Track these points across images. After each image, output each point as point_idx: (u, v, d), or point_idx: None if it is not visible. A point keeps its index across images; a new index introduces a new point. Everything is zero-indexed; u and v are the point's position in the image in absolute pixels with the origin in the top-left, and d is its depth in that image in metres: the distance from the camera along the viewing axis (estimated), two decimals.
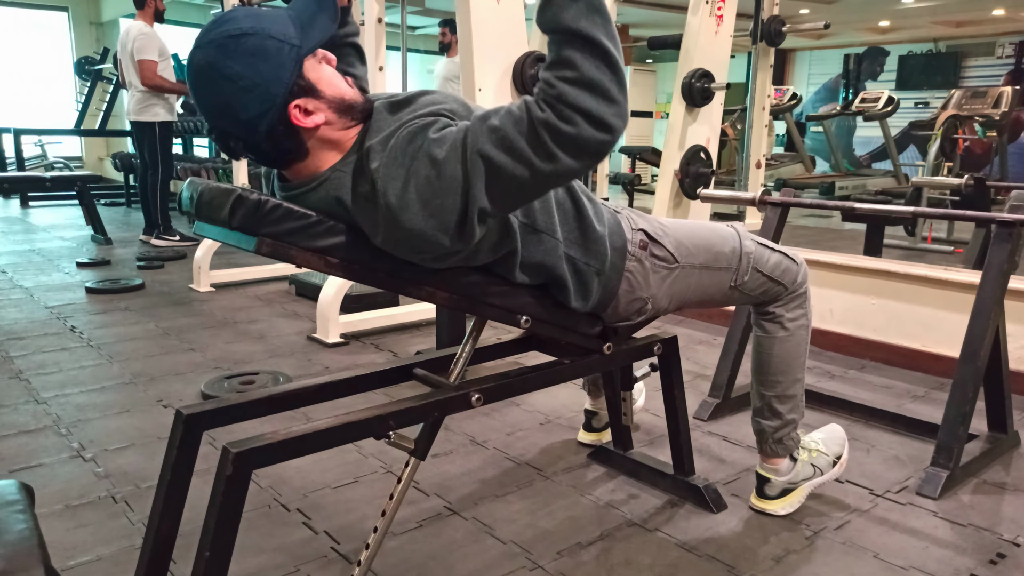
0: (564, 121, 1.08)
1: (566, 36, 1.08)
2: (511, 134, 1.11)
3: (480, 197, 1.14)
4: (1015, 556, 1.62)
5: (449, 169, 1.13)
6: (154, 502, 1.32)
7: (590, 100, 1.08)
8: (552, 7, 1.09)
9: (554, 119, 1.08)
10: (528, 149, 1.11)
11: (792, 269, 1.69)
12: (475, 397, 1.41)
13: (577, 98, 1.07)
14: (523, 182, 1.14)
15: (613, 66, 1.09)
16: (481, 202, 1.15)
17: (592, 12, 1.08)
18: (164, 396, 2.50)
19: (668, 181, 3.86)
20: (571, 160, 1.12)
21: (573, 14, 1.08)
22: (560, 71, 1.08)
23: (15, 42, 9.60)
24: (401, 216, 1.15)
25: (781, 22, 5.27)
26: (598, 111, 1.08)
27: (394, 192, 1.15)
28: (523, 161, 1.12)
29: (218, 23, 1.16)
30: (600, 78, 1.08)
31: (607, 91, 1.09)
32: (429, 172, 1.14)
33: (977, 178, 4.16)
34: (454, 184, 1.13)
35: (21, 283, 4.18)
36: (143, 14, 5.17)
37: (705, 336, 3.33)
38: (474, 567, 1.55)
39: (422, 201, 1.15)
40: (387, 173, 1.16)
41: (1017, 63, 10.39)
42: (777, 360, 1.72)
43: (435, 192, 1.14)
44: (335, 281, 3.14)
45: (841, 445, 1.85)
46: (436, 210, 1.15)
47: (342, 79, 1.25)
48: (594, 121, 1.08)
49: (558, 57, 1.09)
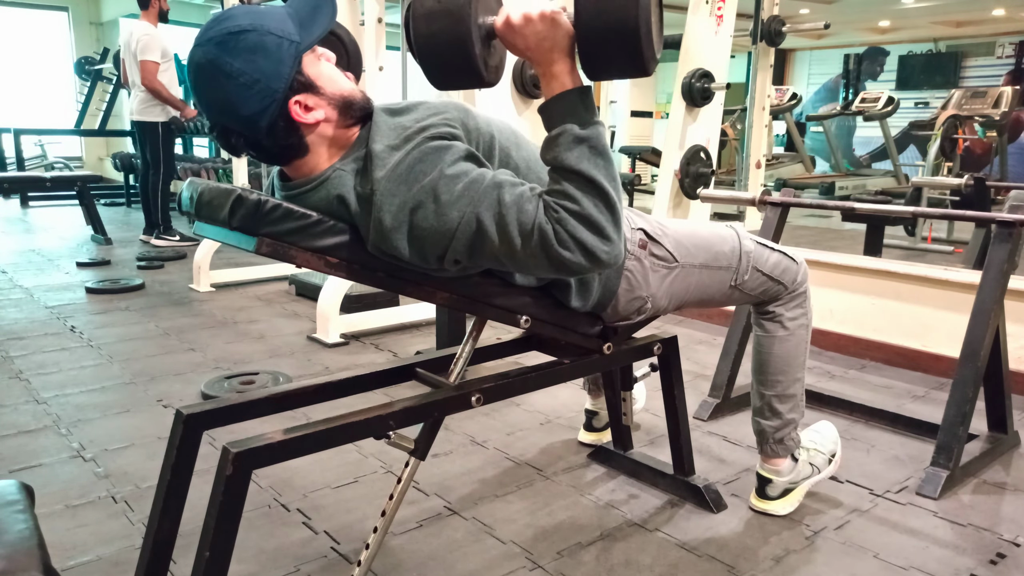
0: (560, 244, 1.16)
1: (570, 174, 1.17)
2: (511, 221, 1.17)
3: (460, 250, 1.21)
4: (1015, 556, 1.62)
5: (447, 214, 1.18)
6: (154, 502, 1.32)
7: (587, 235, 1.16)
8: (556, 148, 1.19)
9: (552, 236, 1.16)
10: (518, 242, 1.18)
11: (792, 268, 1.69)
12: (475, 397, 1.41)
13: (576, 230, 1.16)
14: (498, 259, 1.23)
15: (612, 207, 1.18)
16: (458, 254, 1.22)
17: (595, 156, 1.18)
18: (164, 396, 2.50)
19: (668, 181, 3.85)
20: (548, 269, 1.21)
21: (576, 156, 1.17)
22: (562, 200, 1.17)
23: (15, 42, 9.60)
24: (390, 235, 1.19)
25: (781, 22, 5.27)
26: (593, 246, 1.17)
27: (389, 211, 1.18)
28: (508, 247, 1.19)
29: (217, 21, 1.16)
30: (599, 217, 1.17)
31: (603, 230, 1.17)
32: (428, 209, 1.18)
33: (977, 178, 4.16)
34: (445, 229, 1.18)
35: (21, 283, 4.18)
36: (147, 14, 5.17)
37: (705, 336, 3.33)
38: (474, 567, 1.55)
39: (412, 229, 1.19)
40: (388, 188, 1.17)
41: (1017, 63, 10.39)
42: (777, 359, 1.72)
43: (427, 228, 1.18)
44: (335, 281, 3.14)
45: (835, 442, 1.86)
46: (420, 244, 1.20)
47: (342, 75, 1.25)
48: (587, 253, 1.17)
49: (561, 188, 1.18)
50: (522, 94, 3.37)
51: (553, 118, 1.21)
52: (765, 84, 5.57)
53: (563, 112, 1.20)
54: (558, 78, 1.20)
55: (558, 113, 1.20)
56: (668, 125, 3.88)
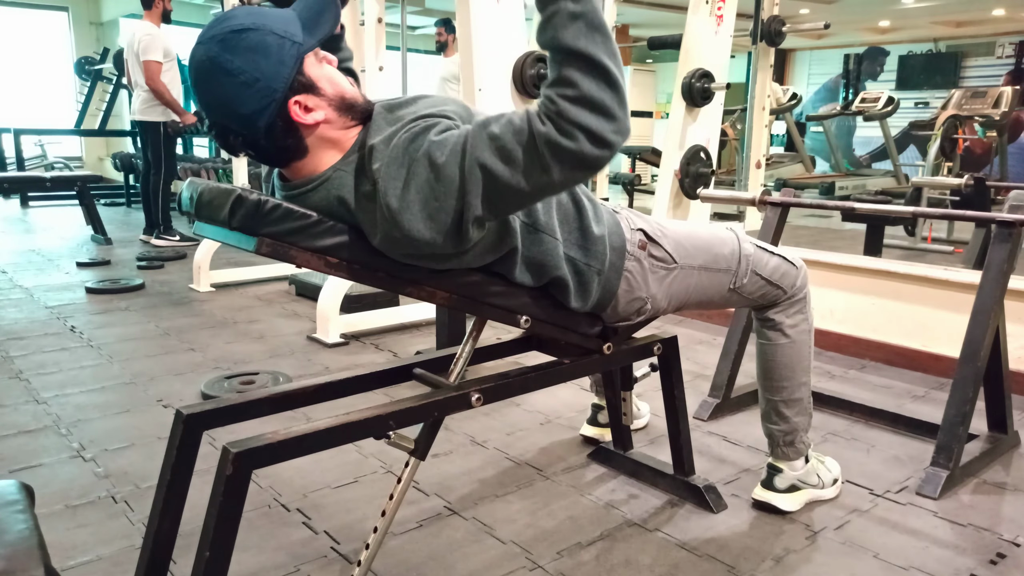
0: (564, 136, 1.09)
1: (567, 55, 1.09)
2: (510, 144, 1.12)
3: (476, 204, 1.15)
4: (1015, 556, 1.62)
5: (448, 173, 1.14)
6: (154, 502, 1.32)
7: (590, 117, 1.09)
8: (552, 27, 1.10)
9: (555, 133, 1.09)
10: (526, 160, 1.12)
11: (791, 273, 1.69)
12: (475, 397, 1.41)
13: (578, 115, 1.08)
14: (519, 191, 1.15)
15: (614, 84, 1.10)
16: (476, 209, 1.16)
17: (592, 31, 1.09)
18: (164, 396, 2.50)
19: (668, 181, 3.85)
20: (568, 173, 1.13)
21: (573, 33, 1.08)
22: (561, 89, 1.09)
23: (15, 42, 9.60)
24: (400, 217, 1.16)
25: (781, 22, 5.27)
26: (598, 128, 1.09)
27: (394, 193, 1.16)
28: (521, 171, 1.13)
29: (220, 20, 1.17)
30: (601, 96, 1.09)
31: (607, 108, 1.09)
32: (428, 175, 1.15)
33: (977, 178, 4.16)
34: (451, 188, 1.14)
35: (21, 283, 4.18)
36: (150, 14, 5.18)
37: (705, 336, 3.33)
38: (474, 567, 1.55)
39: (421, 202, 1.16)
40: (388, 173, 1.17)
41: (1017, 63, 10.39)
42: (781, 366, 1.72)
43: (434, 195, 1.15)
44: (335, 281, 3.14)
45: (839, 473, 1.89)
46: (434, 212, 1.16)
47: (343, 78, 1.26)
48: (594, 137, 1.09)
49: (559, 75, 1.10)
50: (522, 94, 3.37)
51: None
52: (765, 84, 5.57)
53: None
54: None
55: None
56: (668, 125, 3.88)
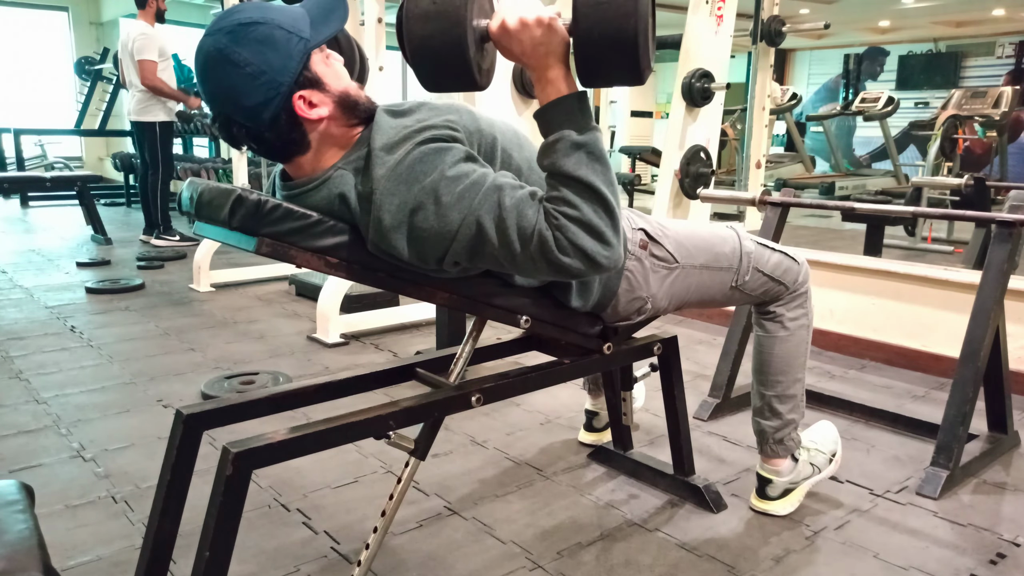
0: (561, 251, 1.16)
1: (567, 179, 1.18)
2: (512, 225, 1.17)
3: (461, 252, 1.21)
4: (1015, 556, 1.62)
5: (448, 216, 1.18)
6: (154, 502, 1.32)
7: (588, 240, 1.17)
8: (554, 154, 1.19)
9: (552, 243, 1.16)
10: (521, 247, 1.18)
11: (793, 269, 1.69)
12: (475, 397, 1.41)
13: (576, 236, 1.16)
14: (501, 263, 1.23)
15: (611, 212, 1.18)
16: (459, 256, 1.22)
17: (593, 161, 1.18)
18: (164, 396, 2.50)
19: (668, 181, 3.85)
20: (550, 274, 1.23)
21: (574, 162, 1.17)
22: (562, 207, 1.17)
23: (15, 42, 9.60)
24: (389, 235, 1.19)
25: (781, 22, 5.27)
26: (593, 250, 1.17)
27: (389, 210, 1.18)
28: (509, 251, 1.19)
29: (230, 12, 1.18)
30: (598, 223, 1.17)
31: (603, 235, 1.18)
32: (429, 210, 1.18)
33: (977, 178, 4.16)
34: (445, 230, 1.18)
35: (21, 283, 4.18)
36: (144, 14, 5.17)
37: (705, 336, 3.33)
38: (474, 567, 1.55)
39: (411, 229, 1.19)
40: (387, 187, 1.18)
41: (1017, 63, 10.38)
42: (778, 360, 1.72)
43: (427, 229, 1.18)
44: (335, 281, 3.14)
45: (835, 442, 1.86)
46: (420, 244, 1.20)
47: (348, 76, 1.26)
48: (588, 259, 1.18)
49: (560, 195, 1.18)
50: (522, 94, 3.37)
51: (550, 124, 1.21)
52: (765, 84, 5.57)
53: (560, 118, 1.20)
54: (554, 83, 1.20)
55: (555, 119, 1.20)
56: (668, 125, 3.88)
